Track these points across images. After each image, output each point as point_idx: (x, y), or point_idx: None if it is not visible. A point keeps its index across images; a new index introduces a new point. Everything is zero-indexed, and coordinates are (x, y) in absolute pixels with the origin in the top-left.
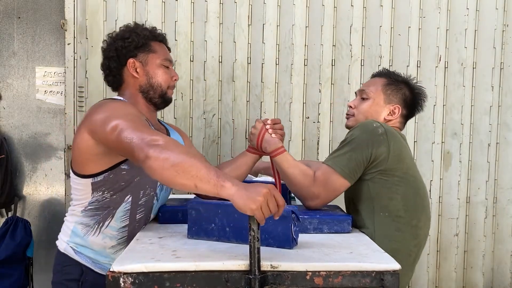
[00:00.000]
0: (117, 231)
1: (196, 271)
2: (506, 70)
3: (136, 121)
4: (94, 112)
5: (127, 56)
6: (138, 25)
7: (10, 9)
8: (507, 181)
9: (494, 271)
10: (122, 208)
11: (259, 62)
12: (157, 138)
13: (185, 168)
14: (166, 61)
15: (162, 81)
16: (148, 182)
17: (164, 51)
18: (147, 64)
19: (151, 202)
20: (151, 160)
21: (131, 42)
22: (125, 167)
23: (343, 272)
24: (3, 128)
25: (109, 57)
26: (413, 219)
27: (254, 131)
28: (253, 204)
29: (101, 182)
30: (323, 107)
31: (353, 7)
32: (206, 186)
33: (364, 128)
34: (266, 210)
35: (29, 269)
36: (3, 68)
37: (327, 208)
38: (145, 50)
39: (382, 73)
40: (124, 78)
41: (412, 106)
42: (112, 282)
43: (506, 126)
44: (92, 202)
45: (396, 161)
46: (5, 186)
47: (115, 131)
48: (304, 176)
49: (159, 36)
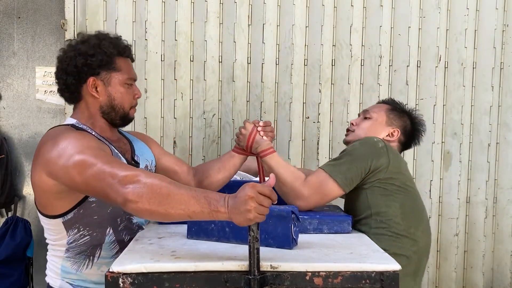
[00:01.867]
0: (111, 258)
1: (196, 271)
2: (506, 70)
3: (102, 155)
4: (49, 149)
5: (88, 74)
6: (103, 37)
7: (10, 9)
8: (507, 181)
9: (494, 271)
10: (108, 240)
11: (259, 62)
12: (131, 174)
13: (173, 202)
14: (130, 79)
15: (124, 103)
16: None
17: (128, 69)
18: (110, 84)
19: (131, 222)
20: (132, 203)
21: (94, 60)
22: (93, 199)
23: (343, 272)
24: (3, 128)
25: (67, 71)
26: (411, 227)
27: (245, 132)
28: (248, 214)
29: (72, 219)
30: (323, 107)
31: (353, 7)
32: (201, 216)
33: (365, 141)
34: (262, 209)
35: (29, 269)
36: (3, 68)
37: (327, 209)
38: (108, 68)
39: (388, 101)
40: (83, 96)
41: (410, 136)
42: (111, 283)
43: (506, 126)
44: (71, 242)
45: (395, 172)
46: (5, 186)
47: (80, 169)
48: (294, 177)
49: (125, 51)
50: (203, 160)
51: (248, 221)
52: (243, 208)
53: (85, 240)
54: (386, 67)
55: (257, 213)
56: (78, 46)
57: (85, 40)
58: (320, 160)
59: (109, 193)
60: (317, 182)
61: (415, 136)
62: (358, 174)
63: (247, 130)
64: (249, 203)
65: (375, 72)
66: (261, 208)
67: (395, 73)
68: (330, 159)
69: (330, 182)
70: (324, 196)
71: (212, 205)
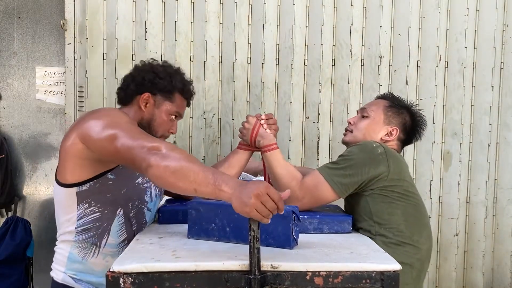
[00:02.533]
0: (117, 248)
1: (196, 271)
2: (506, 70)
3: (134, 130)
4: (89, 118)
5: (147, 89)
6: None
7: (10, 9)
8: (507, 181)
9: (494, 271)
10: (117, 223)
11: (259, 62)
12: (157, 145)
13: (184, 174)
14: (177, 114)
15: (160, 128)
16: (135, 194)
17: (181, 106)
18: (159, 107)
19: (142, 215)
20: (153, 168)
21: (160, 83)
22: (111, 176)
23: (343, 272)
24: (3, 128)
25: (134, 78)
26: (414, 234)
27: (248, 126)
28: (246, 207)
29: (86, 192)
30: (323, 107)
31: (353, 7)
32: (205, 190)
33: (363, 147)
34: (263, 210)
35: (29, 269)
36: (3, 68)
37: (328, 208)
38: (166, 95)
39: (386, 96)
40: (134, 102)
41: (410, 132)
42: (112, 282)
43: (506, 126)
44: (80, 217)
45: (396, 179)
46: (5, 186)
47: (113, 139)
48: (291, 177)
49: (187, 94)
50: (203, 160)
51: (245, 212)
52: (245, 198)
53: (95, 216)
54: (386, 67)
55: (255, 210)
56: (156, 66)
57: (165, 65)
58: (320, 160)
59: (136, 160)
60: (312, 184)
61: (415, 131)
62: (354, 181)
63: (250, 124)
64: (252, 199)
65: (375, 72)
66: (263, 208)
67: (395, 73)
68: (330, 161)
69: (325, 186)
70: (318, 200)
71: (217, 182)
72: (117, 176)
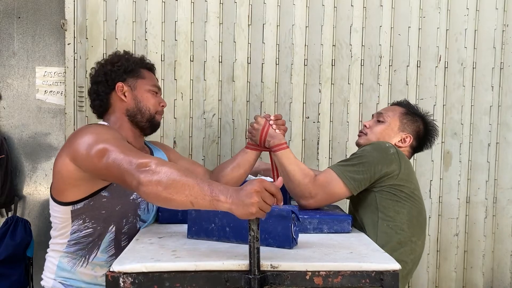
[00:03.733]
0: (105, 261)
1: (196, 271)
2: (506, 70)
3: (122, 145)
4: (76, 137)
5: (115, 80)
6: (127, 52)
7: (10, 9)
8: (507, 181)
9: (494, 271)
10: (107, 239)
11: (259, 62)
12: (146, 162)
13: (178, 188)
14: (155, 87)
15: (150, 105)
16: (129, 210)
17: (153, 78)
18: (136, 89)
19: (135, 228)
20: (144, 186)
21: (120, 66)
22: (106, 194)
23: (342, 272)
24: (3, 128)
25: (97, 81)
26: (414, 236)
27: (257, 126)
28: (251, 208)
29: (81, 209)
30: (323, 107)
31: (353, 7)
32: (202, 203)
33: (377, 146)
34: (264, 206)
35: (29, 269)
36: (3, 68)
37: (327, 208)
38: (134, 75)
39: (402, 103)
40: (111, 103)
41: (423, 140)
42: (112, 282)
43: (506, 126)
44: (74, 232)
45: (405, 179)
46: (5, 186)
47: (101, 156)
48: (304, 174)
49: (148, 65)
50: (203, 160)
51: (250, 214)
52: (247, 201)
53: (88, 232)
54: (386, 67)
55: (259, 208)
56: (106, 60)
57: (113, 54)
58: (320, 160)
59: (126, 177)
60: (325, 181)
61: (427, 140)
62: (367, 178)
63: (260, 124)
64: (253, 197)
65: (375, 72)
66: (264, 204)
67: (395, 73)
68: (333, 161)
69: (338, 183)
70: (331, 196)
71: (213, 193)
72: (111, 193)
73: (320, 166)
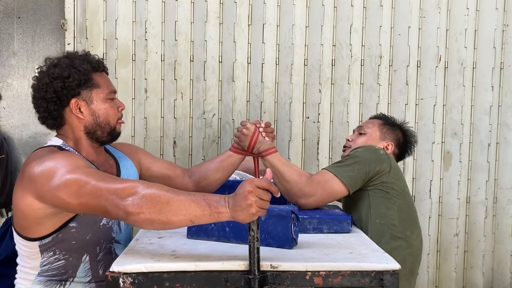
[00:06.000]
0: (83, 285)
1: (196, 271)
2: (506, 70)
3: (93, 173)
4: (36, 171)
5: (69, 96)
6: (73, 56)
7: (10, 9)
8: (507, 181)
9: (494, 271)
10: (82, 269)
11: (259, 62)
12: (128, 188)
13: (173, 210)
14: (111, 93)
15: (110, 118)
16: (102, 237)
17: (106, 83)
18: (92, 102)
19: (111, 253)
20: (133, 215)
21: (72, 81)
22: (74, 224)
23: (342, 272)
24: (3, 128)
25: (46, 98)
26: (407, 230)
27: (247, 132)
28: (250, 209)
29: (49, 243)
30: (323, 107)
31: (353, 7)
32: (203, 218)
33: (368, 148)
34: (262, 203)
35: None
36: (3, 68)
37: (327, 208)
38: (87, 86)
39: (380, 116)
40: (66, 119)
41: (403, 147)
42: (112, 282)
43: (506, 126)
44: (44, 264)
45: (396, 177)
46: (5, 186)
47: (73, 191)
48: (299, 174)
49: (99, 66)
50: (203, 160)
51: (252, 215)
52: (244, 204)
53: (59, 264)
54: (386, 67)
55: (258, 207)
56: (51, 71)
57: (56, 63)
58: (320, 160)
59: (109, 209)
60: (322, 180)
61: (407, 147)
62: (361, 176)
63: (250, 130)
64: (249, 198)
65: (375, 72)
66: (262, 201)
67: (395, 73)
68: (333, 161)
69: (335, 181)
70: (329, 195)
71: (212, 207)
72: (79, 223)
73: (320, 166)
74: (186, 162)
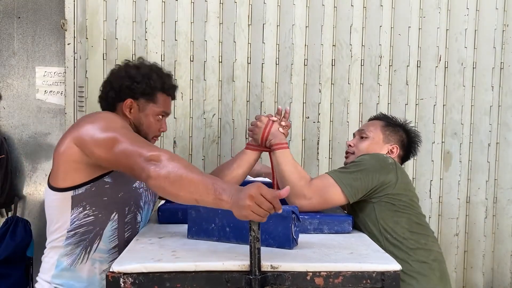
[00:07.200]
0: (107, 253)
1: (196, 271)
2: (506, 70)
3: (132, 135)
4: (84, 123)
5: (128, 95)
6: (155, 69)
7: (10, 9)
8: (507, 181)
9: (494, 271)
10: (110, 228)
11: (259, 62)
12: (156, 155)
13: (183, 186)
14: (163, 113)
15: (149, 131)
16: (131, 198)
17: (166, 104)
18: (143, 111)
19: (136, 220)
20: (152, 179)
21: (138, 87)
22: (109, 180)
23: (343, 272)
24: (3, 128)
25: (112, 86)
26: (421, 238)
27: (261, 124)
28: (243, 210)
29: (82, 195)
30: (323, 107)
31: (353, 7)
32: (206, 200)
33: (375, 155)
34: (259, 210)
35: (29, 269)
36: (3, 68)
37: (328, 209)
38: (148, 98)
39: (379, 116)
40: (117, 110)
41: (408, 148)
42: (112, 283)
43: (506, 126)
44: (73, 221)
45: (403, 188)
46: (5, 186)
47: (111, 146)
48: (300, 176)
49: (169, 90)
50: (203, 160)
51: (243, 216)
52: (241, 203)
53: (89, 220)
54: (386, 67)
55: (252, 212)
56: (130, 69)
57: (139, 66)
58: (320, 160)
59: (135, 169)
60: (321, 185)
61: (411, 148)
62: (364, 186)
63: (263, 122)
64: (246, 201)
65: (375, 72)
66: (259, 209)
67: (395, 73)
68: (333, 161)
69: (335, 188)
70: (326, 201)
71: (217, 193)
72: (114, 180)
73: (320, 166)
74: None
